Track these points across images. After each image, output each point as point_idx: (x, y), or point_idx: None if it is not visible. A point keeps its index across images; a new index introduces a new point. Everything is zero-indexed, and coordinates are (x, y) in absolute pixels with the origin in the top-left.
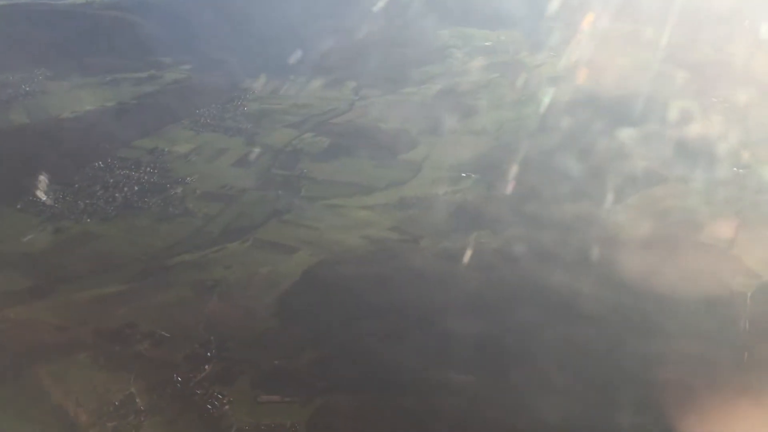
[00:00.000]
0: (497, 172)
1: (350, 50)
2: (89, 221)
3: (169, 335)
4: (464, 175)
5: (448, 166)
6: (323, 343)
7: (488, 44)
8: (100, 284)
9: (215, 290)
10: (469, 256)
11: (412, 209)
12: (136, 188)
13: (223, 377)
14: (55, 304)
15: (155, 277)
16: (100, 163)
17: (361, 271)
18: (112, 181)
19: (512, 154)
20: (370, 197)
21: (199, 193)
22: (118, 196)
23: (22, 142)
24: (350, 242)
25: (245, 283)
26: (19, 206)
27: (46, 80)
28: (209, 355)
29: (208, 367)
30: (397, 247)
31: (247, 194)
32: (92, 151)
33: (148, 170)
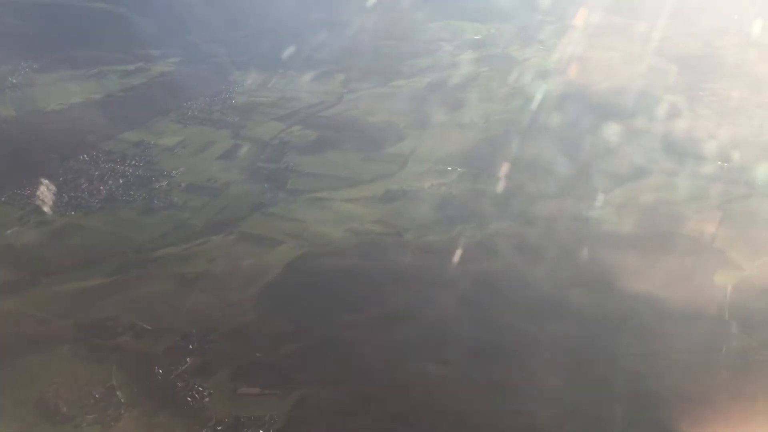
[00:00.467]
0: (483, 165)
1: (340, 43)
2: (73, 214)
3: (150, 328)
4: (450, 168)
5: (434, 159)
6: (304, 335)
7: (478, 38)
8: (82, 277)
9: (198, 283)
10: (452, 249)
11: (397, 202)
12: (121, 181)
13: (203, 369)
14: (36, 297)
15: (138, 269)
16: (85, 155)
17: (343, 263)
18: (97, 173)
19: (499, 147)
20: (355, 190)
21: (184, 186)
22: (102, 188)
23: (7, 134)
24: (334, 235)
25: (228, 275)
26: (3, 199)
27: (32, 72)
28: (190, 347)
29: (189, 359)
30: (380, 240)
31: (232, 187)
32: (78, 143)
33: (133, 163)
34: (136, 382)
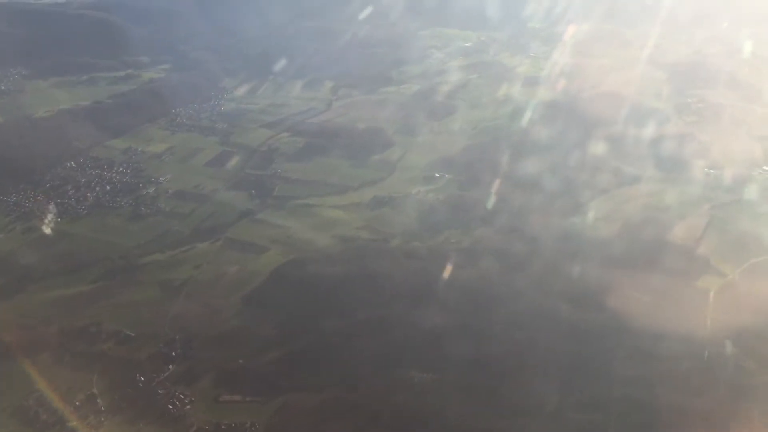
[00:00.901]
0: (471, 171)
1: (330, 50)
2: (59, 221)
3: (133, 334)
4: (438, 175)
5: (422, 165)
6: (288, 342)
7: (468, 45)
8: (67, 284)
9: (183, 290)
10: (437, 256)
11: (384, 209)
12: (107, 188)
13: (186, 377)
14: (21, 303)
15: (123, 276)
16: (72, 162)
17: (329, 270)
18: (84, 180)
19: (487, 154)
20: (343, 197)
21: (171, 192)
22: (89, 195)
23: None
24: (320, 242)
25: (213, 282)
26: None
27: (22, 79)
28: (173, 354)
29: (171, 366)
30: (367, 246)
31: (219, 194)
32: (65, 150)
33: (120, 170)
34: (117, 389)
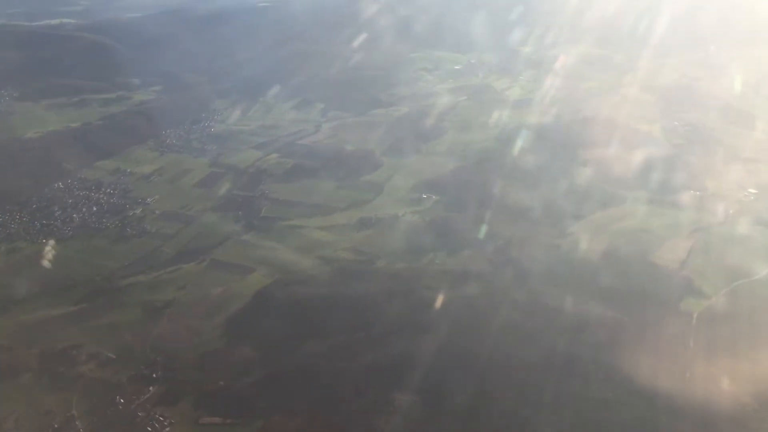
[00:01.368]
0: (457, 193)
1: (321, 73)
2: (44, 242)
3: (115, 356)
4: (425, 196)
5: (409, 187)
6: (269, 363)
7: (458, 68)
8: (50, 305)
9: (166, 311)
10: (421, 277)
11: (370, 230)
12: (94, 209)
13: (166, 399)
14: (2, 324)
15: (106, 298)
16: (60, 183)
17: (312, 291)
18: (71, 201)
19: (473, 176)
20: (329, 218)
21: (158, 213)
22: (75, 216)
23: None
24: (305, 263)
25: (197, 303)
26: None
27: (12, 101)
28: (154, 376)
29: (152, 388)
30: (351, 267)
31: (206, 215)
32: (53, 171)
33: (108, 191)
34: (96, 411)
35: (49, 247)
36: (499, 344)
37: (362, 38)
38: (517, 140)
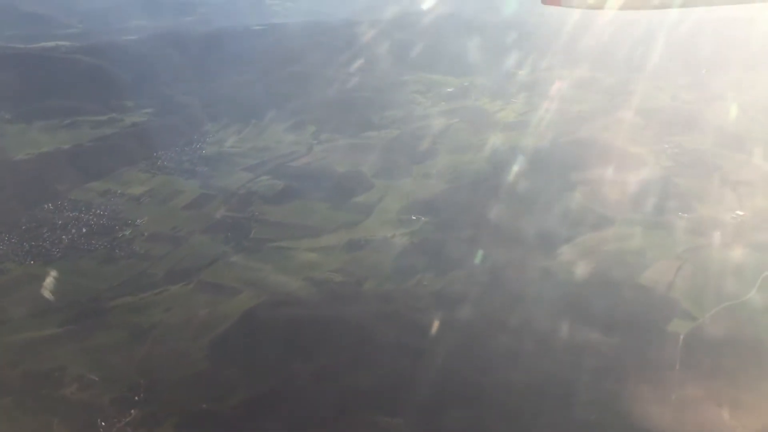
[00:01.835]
0: (447, 215)
1: (314, 95)
2: (32, 263)
3: (97, 379)
4: (414, 218)
5: (399, 208)
6: (253, 385)
7: (451, 90)
8: (35, 327)
9: (151, 333)
10: (409, 299)
11: (359, 251)
12: (83, 230)
13: (148, 421)
14: None
15: (92, 319)
16: (49, 204)
17: (299, 313)
18: (60, 222)
19: (464, 197)
20: (318, 239)
21: (147, 235)
22: (64, 238)
23: None
24: (293, 284)
25: (183, 325)
26: None
27: (4, 123)
28: (137, 399)
29: (134, 411)
30: (339, 289)
31: (195, 236)
32: (43, 192)
33: (98, 212)
34: None
35: (36, 268)
36: (485, 366)
37: (356, 61)
38: (508, 162)
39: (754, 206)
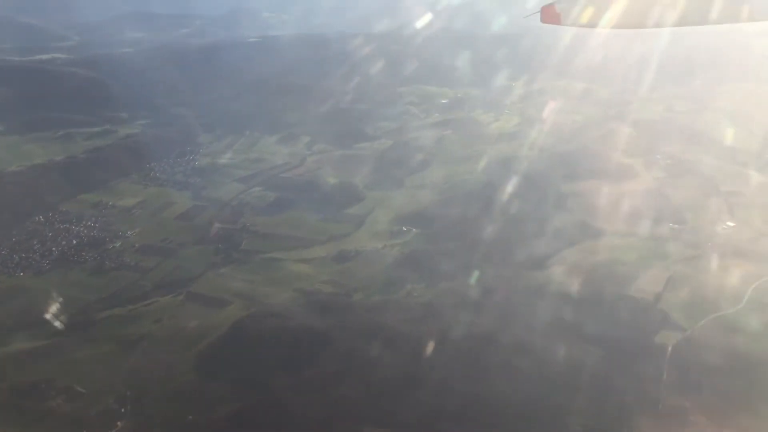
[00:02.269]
0: (438, 225)
1: (308, 106)
2: (22, 275)
3: (84, 391)
4: (405, 229)
5: (390, 220)
6: (240, 397)
7: (445, 102)
8: (23, 339)
9: (140, 345)
10: (398, 309)
11: (349, 262)
12: (74, 242)
13: None
14: None
15: (81, 331)
16: (40, 216)
17: (287, 324)
18: (50, 234)
19: (455, 208)
20: (309, 251)
21: (137, 246)
22: (54, 249)
23: None
24: (282, 296)
25: (171, 337)
26: None
27: None
28: (123, 411)
29: (119, 423)
30: (327, 300)
31: (186, 248)
32: (34, 204)
33: (89, 224)
34: None
35: (26, 280)
36: (474, 378)
37: (351, 73)
38: (500, 173)
39: (745, 217)
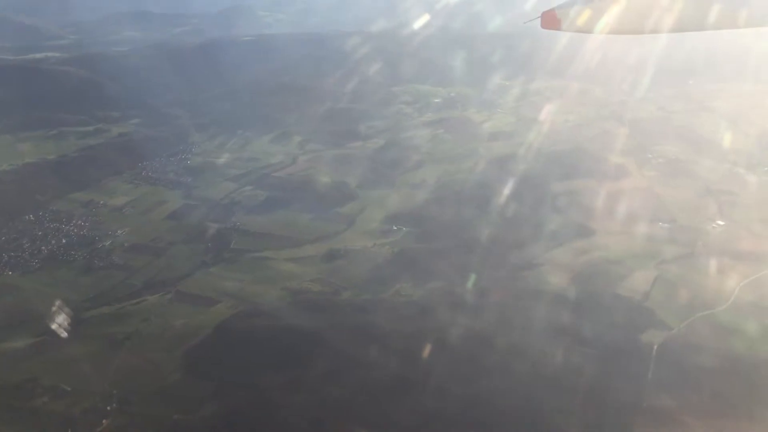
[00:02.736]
0: (429, 224)
1: (301, 106)
2: (10, 274)
3: (70, 389)
4: (395, 228)
5: (381, 218)
6: (226, 396)
7: (438, 101)
8: (9, 338)
9: (126, 343)
10: (386, 308)
11: (338, 261)
12: (63, 241)
13: None
14: None
15: (68, 330)
16: (30, 215)
17: (274, 323)
18: (40, 233)
19: (446, 207)
20: (299, 249)
21: (127, 245)
22: (44, 248)
23: None
24: (271, 294)
25: (158, 336)
26: None
27: None
28: (108, 409)
29: (105, 421)
30: (316, 299)
31: (176, 247)
32: (25, 203)
33: (79, 223)
34: None
35: (14, 279)
36: (463, 376)
37: (345, 73)
38: (492, 172)
39: (734, 216)
